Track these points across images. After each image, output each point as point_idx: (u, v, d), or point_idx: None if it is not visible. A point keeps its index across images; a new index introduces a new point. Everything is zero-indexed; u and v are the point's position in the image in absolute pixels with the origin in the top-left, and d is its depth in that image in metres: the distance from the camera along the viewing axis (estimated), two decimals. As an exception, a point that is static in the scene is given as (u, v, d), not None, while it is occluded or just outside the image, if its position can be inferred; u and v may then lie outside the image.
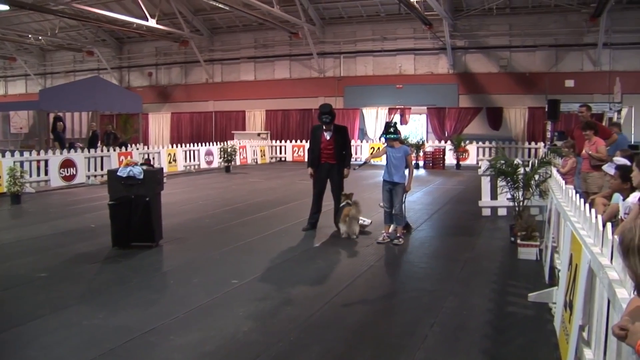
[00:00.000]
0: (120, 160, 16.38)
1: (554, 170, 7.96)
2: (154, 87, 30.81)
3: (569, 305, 3.76)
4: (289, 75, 27.73)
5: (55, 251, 7.46)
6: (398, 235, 7.99)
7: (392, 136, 7.96)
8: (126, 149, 18.02)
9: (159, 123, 30.13)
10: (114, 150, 17.27)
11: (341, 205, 8.50)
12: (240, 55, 28.51)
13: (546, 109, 18.96)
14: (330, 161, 8.69)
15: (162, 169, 8.60)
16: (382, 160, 8.30)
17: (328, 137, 8.66)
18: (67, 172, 15.53)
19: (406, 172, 8.05)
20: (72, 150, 16.23)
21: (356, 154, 24.28)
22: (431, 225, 9.62)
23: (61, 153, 15.71)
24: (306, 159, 9.21)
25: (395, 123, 8.28)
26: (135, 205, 7.42)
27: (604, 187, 7.75)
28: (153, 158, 18.27)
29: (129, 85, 31.26)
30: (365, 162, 9.47)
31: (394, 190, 7.92)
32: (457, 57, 24.48)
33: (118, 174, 7.50)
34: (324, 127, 8.67)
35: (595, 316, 3.19)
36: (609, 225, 3.28)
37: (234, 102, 28.52)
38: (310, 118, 26.67)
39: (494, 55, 23.93)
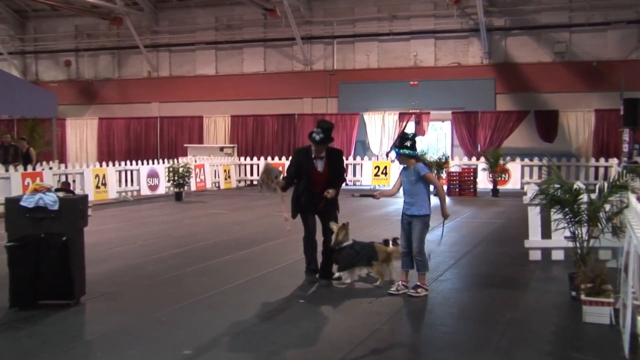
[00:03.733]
0: (26, 183, 16.29)
1: (633, 198, 8.01)
2: (73, 81, 30.90)
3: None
4: (263, 67, 27.94)
5: None
6: (418, 284, 8.07)
7: (406, 152, 8.05)
8: (34, 168, 17.94)
9: (81, 132, 30.13)
10: (16, 169, 17.18)
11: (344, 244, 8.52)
12: (196, 39, 28.74)
13: (622, 112, 19.17)
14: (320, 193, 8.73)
15: (86, 196, 8.58)
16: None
17: (320, 169, 8.67)
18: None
19: (434, 198, 8.17)
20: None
21: (354, 175, 24.33)
22: (458, 273, 9.65)
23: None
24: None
25: (414, 135, 8.36)
26: (47, 248, 7.36)
27: None
28: (73, 181, 18.23)
29: (37, 78, 31.35)
30: (372, 196, 8.99)
31: (412, 225, 8.03)
32: (495, 42, 24.83)
33: (22, 203, 7.44)
34: (314, 152, 8.70)
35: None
36: None
37: (188, 105, 28.65)
38: (292, 126, 26.83)
39: (546, 39, 24.30)
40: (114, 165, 20.58)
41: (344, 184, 9.23)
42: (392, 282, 8.42)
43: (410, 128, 24.75)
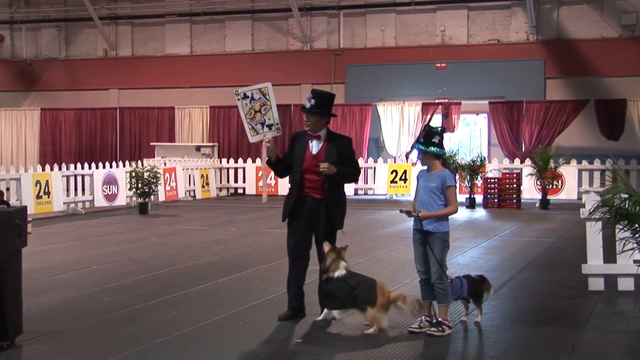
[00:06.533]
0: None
1: None
2: (7, 62, 30.85)
3: None
4: (250, 46, 27.90)
5: None
6: (440, 319, 8.01)
7: (434, 149, 8.04)
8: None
9: (18, 126, 30.00)
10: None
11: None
12: (166, 9, 28.69)
13: None
14: (316, 194, 8.55)
15: (24, 208, 8.52)
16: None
17: (315, 151, 8.52)
18: None
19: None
20: None
21: (366, 182, 24.22)
22: (498, 306, 9.58)
23: None
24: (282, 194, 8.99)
25: (443, 130, 8.34)
26: (-28, 274, 7.32)
27: None
28: (7, 189, 18.16)
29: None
30: (407, 212, 8.48)
31: (428, 244, 8.01)
32: (544, 13, 24.79)
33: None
34: (309, 131, 8.57)
35: None
36: None
37: (155, 93, 28.60)
38: (287, 120, 26.68)
39: (611, 8, 24.22)
40: (60, 168, 20.52)
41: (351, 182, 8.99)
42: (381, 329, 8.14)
43: (436, 122, 24.61)
